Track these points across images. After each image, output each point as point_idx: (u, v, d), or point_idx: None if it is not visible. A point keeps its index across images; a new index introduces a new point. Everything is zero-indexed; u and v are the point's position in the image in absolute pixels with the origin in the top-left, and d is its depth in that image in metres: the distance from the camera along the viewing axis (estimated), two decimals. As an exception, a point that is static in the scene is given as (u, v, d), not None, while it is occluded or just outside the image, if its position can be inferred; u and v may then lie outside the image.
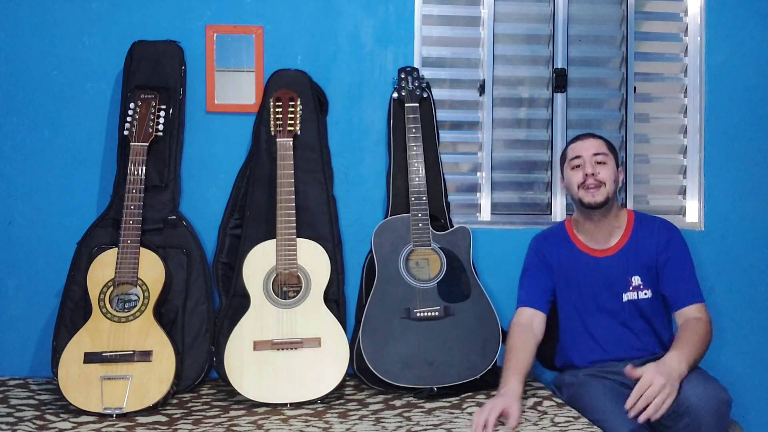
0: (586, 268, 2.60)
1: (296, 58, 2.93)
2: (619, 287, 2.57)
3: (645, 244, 2.57)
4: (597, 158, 2.57)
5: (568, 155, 2.64)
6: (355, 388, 2.68)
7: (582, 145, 2.61)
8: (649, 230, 2.59)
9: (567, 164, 2.63)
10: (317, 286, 2.60)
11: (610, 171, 2.57)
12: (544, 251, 2.66)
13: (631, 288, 2.56)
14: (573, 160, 2.60)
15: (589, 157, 2.56)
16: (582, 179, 2.55)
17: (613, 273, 2.57)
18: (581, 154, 2.58)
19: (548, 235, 2.72)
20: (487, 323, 2.69)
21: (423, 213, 2.76)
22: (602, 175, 2.54)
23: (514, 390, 2.31)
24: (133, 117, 2.70)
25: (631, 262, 2.57)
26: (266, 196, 2.78)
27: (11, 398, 2.51)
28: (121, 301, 2.56)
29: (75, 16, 2.85)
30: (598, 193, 2.53)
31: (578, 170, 2.57)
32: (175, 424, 2.29)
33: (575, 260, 2.61)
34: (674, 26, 3.18)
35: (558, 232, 2.70)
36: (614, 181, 2.57)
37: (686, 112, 3.14)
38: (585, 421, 2.28)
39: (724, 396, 2.28)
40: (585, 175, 2.54)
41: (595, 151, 2.58)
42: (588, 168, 2.55)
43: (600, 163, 2.56)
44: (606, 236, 2.61)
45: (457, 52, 3.09)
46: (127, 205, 2.60)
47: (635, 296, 2.55)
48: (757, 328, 3.08)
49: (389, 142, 2.92)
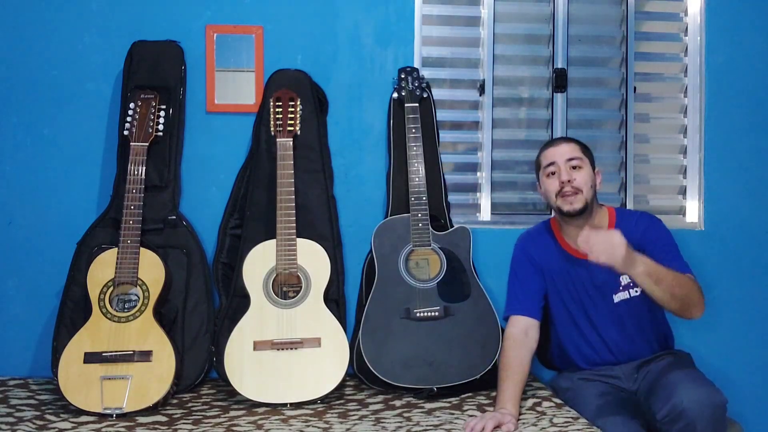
0: (573, 270, 2.54)
1: (296, 58, 2.93)
2: (609, 289, 2.52)
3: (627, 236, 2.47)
4: (572, 163, 2.49)
5: (542, 162, 2.56)
6: (355, 388, 2.68)
7: (555, 151, 2.53)
8: (629, 222, 2.53)
9: (542, 171, 2.56)
10: (317, 286, 2.60)
11: (586, 175, 2.50)
12: (531, 252, 2.61)
13: (621, 288, 2.51)
14: (547, 168, 2.53)
15: (563, 163, 2.49)
16: (558, 187, 2.48)
17: (602, 274, 2.48)
18: (555, 161, 2.51)
19: (534, 235, 2.66)
20: (487, 323, 2.69)
21: (423, 213, 2.76)
22: (578, 182, 2.47)
23: (510, 412, 2.28)
24: (133, 117, 2.70)
25: None
26: (266, 196, 2.78)
27: (11, 398, 2.51)
28: (121, 301, 2.56)
29: (75, 16, 2.85)
30: (576, 200, 2.46)
31: (553, 177, 2.50)
32: (175, 424, 2.29)
33: (563, 262, 2.56)
34: (674, 26, 3.18)
35: (543, 232, 2.64)
36: (591, 186, 2.50)
37: (686, 112, 3.14)
38: (584, 421, 2.27)
39: (719, 398, 2.25)
40: (561, 182, 2.48)
41: (569, 156, 2.50)
42: (564, 175, 2.48)
43: (575, 168, 2.49)
44: None
45: (457, 52, 3.09)
46: (127, 205, 2.60)
47: (626, 295, 2.51)
48: (757, 327, 3.08)
49: (389, 142, 2.92)
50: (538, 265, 2.59)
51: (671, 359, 2.49)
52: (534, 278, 2.58)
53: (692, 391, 2.24)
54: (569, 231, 2.56)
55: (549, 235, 2.62)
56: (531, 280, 2.58)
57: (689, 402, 2.21)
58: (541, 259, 2.59)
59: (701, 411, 2.20)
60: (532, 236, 2.67)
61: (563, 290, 2.56)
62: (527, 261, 2.61)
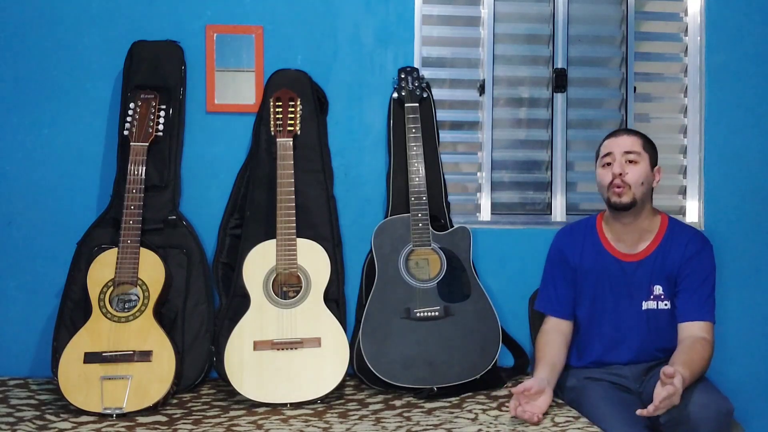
0: (609, 270, 2.53)
1: (296, 58, 2.93)
2: (641, 295, 2.50)
3: (673, 254, 2.49)
4: (628, 156, 2.46)
5: (600, 152, 2.54)
6: (355, 388, 2.68)
7: (615, 142, 2.51)
8: (680, 240, 2.50)
9: (599, 161, 2.54)
10: (317, 286, 2.60)
11: (641, 171, 2.46)
12: (566, 250, 2.60)
13: (652, 297, 2.49)
14: (604, 158, 2.51)
15: (619, 155, 2.47)
16: (611, 178, 2.46)
17: (637, 280, 2.49)
18: (612, 151, 2.48)
19: (575, 230, 2.64)
20: (487, 323, 2.69)
21: (423, 213, 2.76)
22: (630, 176, 2.44)
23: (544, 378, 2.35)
24: (133, 117, 2.70)
25: (657, 270, 2.49)
26: (266, 196, 2.78)
27: (11, 398, 2.51)
28: (121, 301, 2.56)
29: (75, 16, 2.85)
30: (624, 193, 2.44)
31: (608, 169, 2.48)
32: (175, 424, 2.29)
33: (600, 260, 2.54)
34: (674, 26, 3.18)
35: (586, 227, 2.62)
36: (645, 183, 2.46)
37: (686, 112, 3.14)
38: (585, 420, 2.28)
39: (725, 406, 2.25)
40: (614, 174, 2.45)
41: (627, 149, 2.47)
42: (616, 168, 2.45)
43: (631, 162, 2.46)
44: (634, 240, 2.53)
45: (457, 52, 3.09)
46: (127, 205, 2.60)
47: (655, 305, 2.50)
48: (758, 327, 3.07)
49: (389, 142, 2.92)
50: (571, 265, 2.59)
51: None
52: (566, 281, 2.60)
53: (699, 396, 2.23)
54: (615, 227, 2.54)
55: (591, 231, 2.60)
56: (563, 283, 2.60)
57: (694, 406, 2.21)
58: (576, 255, 2.58)
59: (707, 418, 2.19)
60: (572, 233, 2.64)
61: (595, 286, 2.55)
62: (561, 262, 2.61)
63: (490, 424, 2.27)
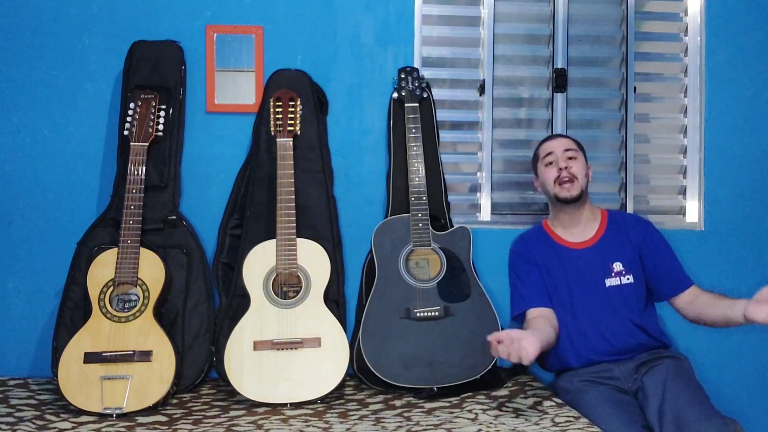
0: (567, 261, 2.66)
1: (296, 58, 2.93)
2: (601, 273, 2.63)
3: (623, 234, 2.67)
4: (568, 154, 2.68)
5: (540, 154, 2.74)
6: (355, 388, 2.68)
7: (553, 144, 2.73)
8: (624, 222, 2.71)
9: (540, 162, 2.73)
10: (317, 286, 2.60)
11: (581, 166, 2.68)
12: (526, 251, 2.73)
13: (613, 274, 2.63)
14: (546, 158, 2.71)
15: (560, 153, 2.68)
16: (556, 174, 2.66)
17: (594, 261, 2.64)
18: (553, 151, 2.69)
19: (526, 237, 2.79)
20: (487, 323, 2.69)
21: (423, 213, 2.76)
22: (574, 170, 2.66)
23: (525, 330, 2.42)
24: (133, 117, 2.70)
25: (610, 250, 2.65)
26: (266, 196, 2.78)
27: (11, 398, 2.51)
28: (121, 301, 2.56)
29: (75, 16, 2.85)
30: (573, 187, 2.64)
31: (551, 167, 2.69)
32: (175, 424, 2.29)
33: (557, 255, 2.68)
34: (674, 26, 3.17)
35: (536, 231, 2.78)
36: (585, 175, 2.69)
37: (686, 112, 3.14)
38: (585, 421, 2.27)
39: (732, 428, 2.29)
40: (558, 170, 2.65)
41: (566, 147, 2.70)
42: (561, 163, 2.66)
43: (571, 158, 2.68)
44: (582, 229, 2.70)
45: (457, 52, 3.09)
46: (127, 205, 2.60)
47: (618, 281, 2.62)
48: (757, 327, 3.05)
49: (389, 142, 2.92)
50: (535, 261, 2.69)
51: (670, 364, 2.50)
52: (534, 274, 2.68)
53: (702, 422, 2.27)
54: (564, 221, 2.71)
55: (541, 232, 2.76)
56: (532, 274, 2.68)
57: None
58: (537, 255, 2.70)
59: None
60: (527, 238, 2.79)
61: (559, 282, 2.64)
62: (524, 261, 2.72)
63: (490, 424, 2.27)
